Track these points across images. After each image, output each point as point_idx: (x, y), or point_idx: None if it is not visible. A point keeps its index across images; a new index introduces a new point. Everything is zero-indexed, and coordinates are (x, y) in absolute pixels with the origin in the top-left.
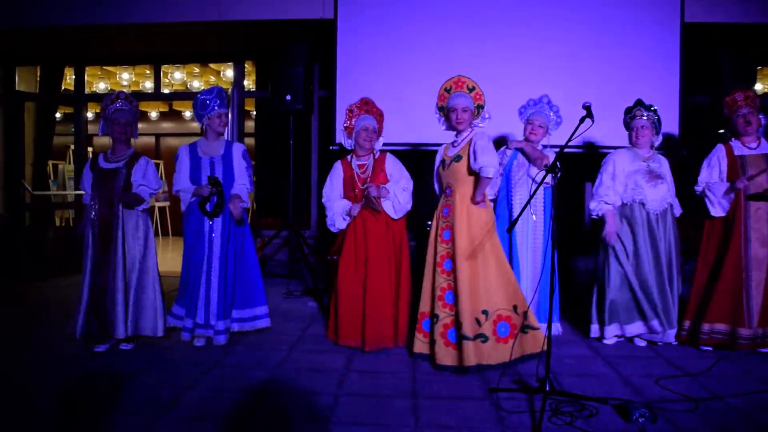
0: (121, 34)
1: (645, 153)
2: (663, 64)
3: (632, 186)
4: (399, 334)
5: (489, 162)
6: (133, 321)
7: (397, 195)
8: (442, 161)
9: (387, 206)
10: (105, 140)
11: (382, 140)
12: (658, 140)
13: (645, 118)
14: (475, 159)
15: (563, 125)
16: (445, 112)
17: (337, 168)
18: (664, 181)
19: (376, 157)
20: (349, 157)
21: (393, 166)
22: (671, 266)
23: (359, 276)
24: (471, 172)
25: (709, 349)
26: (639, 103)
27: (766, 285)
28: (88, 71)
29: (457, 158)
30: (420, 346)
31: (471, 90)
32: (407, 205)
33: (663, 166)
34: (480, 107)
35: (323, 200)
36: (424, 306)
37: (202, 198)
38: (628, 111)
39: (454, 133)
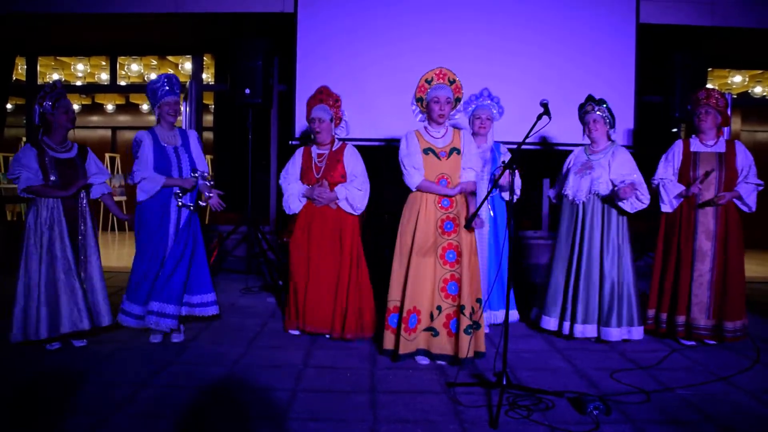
0: (76, 24)
1: (597, 147)
2: (620, 63)
3: (571, 182)
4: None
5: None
6: (96, 313)
7: (349, 198)
8: (431, 150)
9: (343, 205)
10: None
11: (345, 126)
12: (613, 133)
13: (596, 112)
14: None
15: (520, 123)
16: (425, 103)
17: (298, 154)
18: (592, 172)
19: (334, 148)
20: (312, 145)
21: (351, 161)
22: (615, 256)
23: (305, 259)
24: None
25: (691, 343)
26: (590, 98)
27: (712, 278)
28: (41, 61)
29: (456, 150)
30: (390, 342)
31: (452, 83)
32: (362, 204)
33: (607, 157)
34: (458, 100)
35: (280, 181)
36: (397, 298)
37: (181, 189)
38: (581, 107)
39: (425, 122)
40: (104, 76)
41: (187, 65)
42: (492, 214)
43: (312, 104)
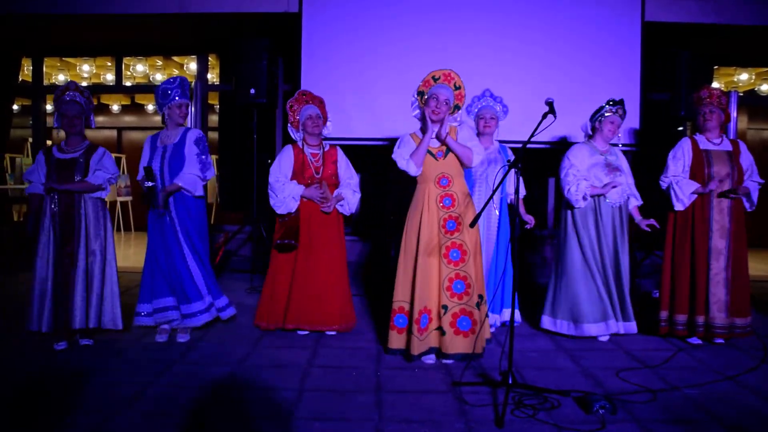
0: (81, 25)
1: (602, 147)
2: (625, 61)
3: (593, 180)
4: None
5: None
6: (96, 314)
7: (349, 200)
8: (428, 151)
9: (342, 206)
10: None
11: (330, 125)
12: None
13: (617, 114)
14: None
15: (525, 122)
16: (424, 98)
17: (288, 151)
18: (622, 174)
19: (326, 150)
20: (300, 143)
21: (345, 164)
22: (623, 258)
23: (306, 258)
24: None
25: (697, 342)
26: (613, 101)
27: (728, 276)
28: (47, 62)
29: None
30: (396, 341)
31: (457, 88)
32: (356, 206)
33: (620, 159)
34: (457, 107)
35: (271, 180)
36: (404, 299)
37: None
38: (600, 108)
39: (419, 122)
40: (110, 77)
41: (192, 65)
42: (498, 213)
43: (298, 106)
